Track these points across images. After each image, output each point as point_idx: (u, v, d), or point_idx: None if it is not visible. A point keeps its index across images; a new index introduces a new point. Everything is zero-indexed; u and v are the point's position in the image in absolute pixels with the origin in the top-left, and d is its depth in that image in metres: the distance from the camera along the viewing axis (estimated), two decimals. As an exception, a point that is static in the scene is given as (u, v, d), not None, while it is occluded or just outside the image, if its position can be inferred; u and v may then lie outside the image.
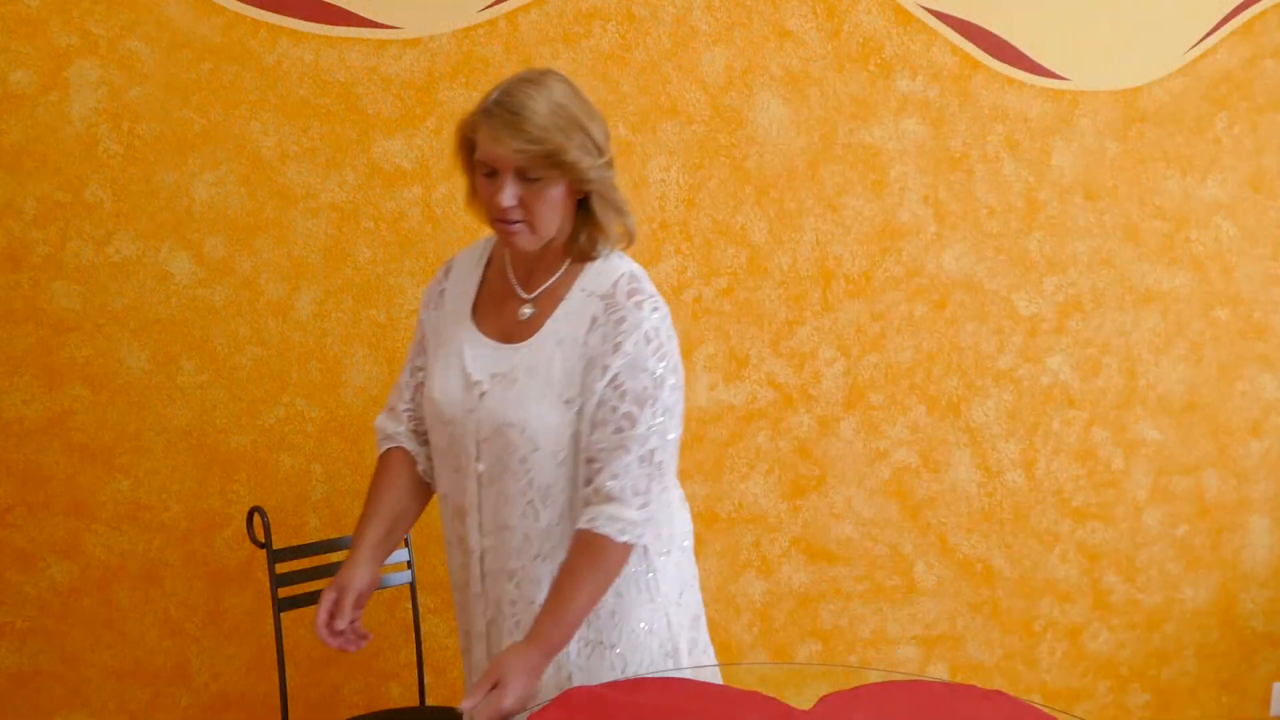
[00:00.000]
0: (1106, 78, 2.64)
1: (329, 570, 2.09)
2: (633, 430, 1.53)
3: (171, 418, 2.32)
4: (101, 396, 2.29)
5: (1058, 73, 2.61)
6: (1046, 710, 1.51)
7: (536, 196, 1.53)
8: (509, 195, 1.52)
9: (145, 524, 2.33)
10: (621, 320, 1.55)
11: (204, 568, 2.37)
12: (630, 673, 1.64)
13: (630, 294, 1.57)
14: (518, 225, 1.55)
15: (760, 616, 2.64)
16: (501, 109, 1.51)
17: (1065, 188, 2.65)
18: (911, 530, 2.68)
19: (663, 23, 2.41)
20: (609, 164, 1.58)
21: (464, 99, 2.34)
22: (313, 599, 2.06)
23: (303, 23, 2.27)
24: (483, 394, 1.60)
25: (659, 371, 1.55)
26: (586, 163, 1.53)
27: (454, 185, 2.37)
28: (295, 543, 2.31)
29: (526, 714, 1.49)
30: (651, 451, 1.54)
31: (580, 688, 1.54)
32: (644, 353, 1.54)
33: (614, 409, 1.54)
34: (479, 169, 1.56)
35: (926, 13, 2.52)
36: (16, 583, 2.30)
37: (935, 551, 2.70)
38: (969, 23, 2.56)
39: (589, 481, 1.57)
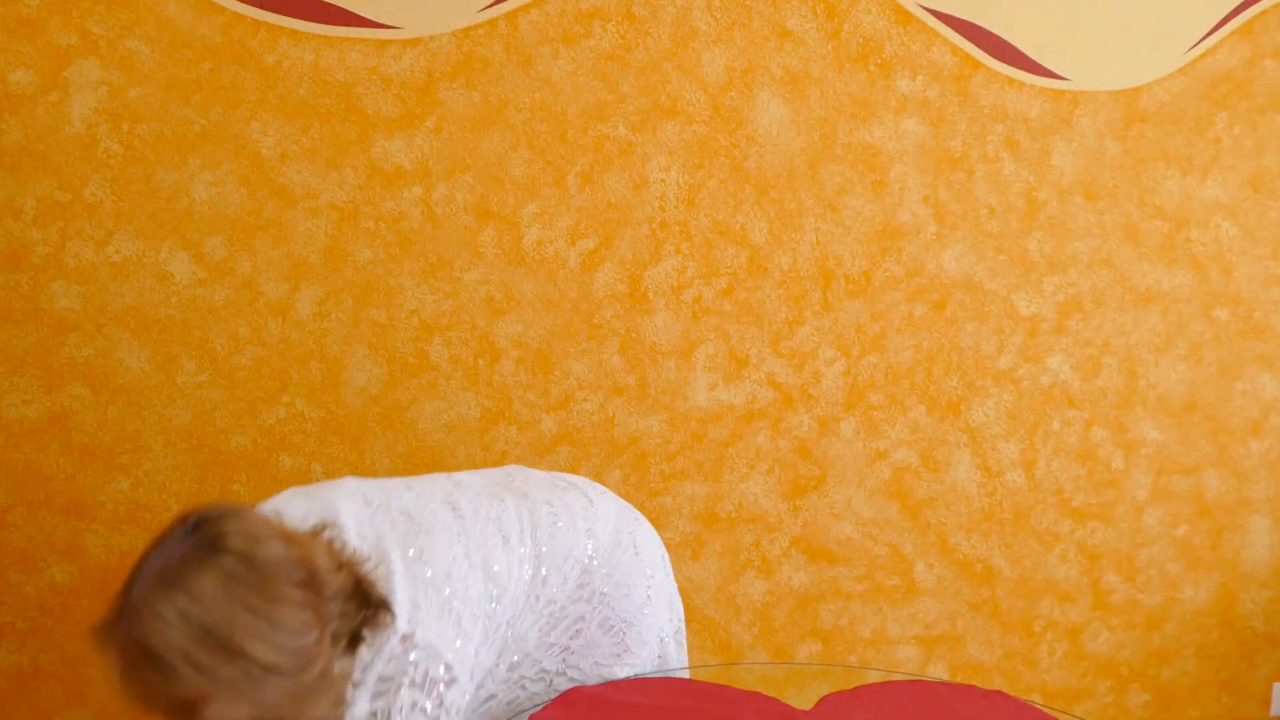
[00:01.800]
0: (1106, 78, 2.64)
1: (329, 570, 2.09)
2: None
3: (171, 418, 2.32)
4: (101, 396, 2.29)
5: (1058, 73, 2.61)
6: (1046, 710, 1.51)
7: None
8: None
9: (145, 524, 2.33)
10: None
11: (204, 568, 2.37)
12: None
13: None
14: None
15: (760, 616, 2.64)
16: (125, 646, 1.15)
17: (1065, 188, 2.65)
18: (911, 530, 2.68)
19: (663, 23, 2.41)
20: (304, 667, 1.17)
21: (464, 99, 2.34)
22: (313, 599, 2.06)
23: (303, 23, 2.27)
24: None
25: None
26: (248, 700, 1.13)
27: (454, 185, 2.37)
28: (295, 543, 2.31)
29: (527, 715, 1.49)
30: None
31: (581, 688, 1.54)
32: None
33: None
34: None
35: (926, 13, 2.52)
36: (16, 583, 2.30)
37: (935, 551, 2.71)
38: (969, 23, 2.56)
39: None
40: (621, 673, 1.62)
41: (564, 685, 1.58)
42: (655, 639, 1.68)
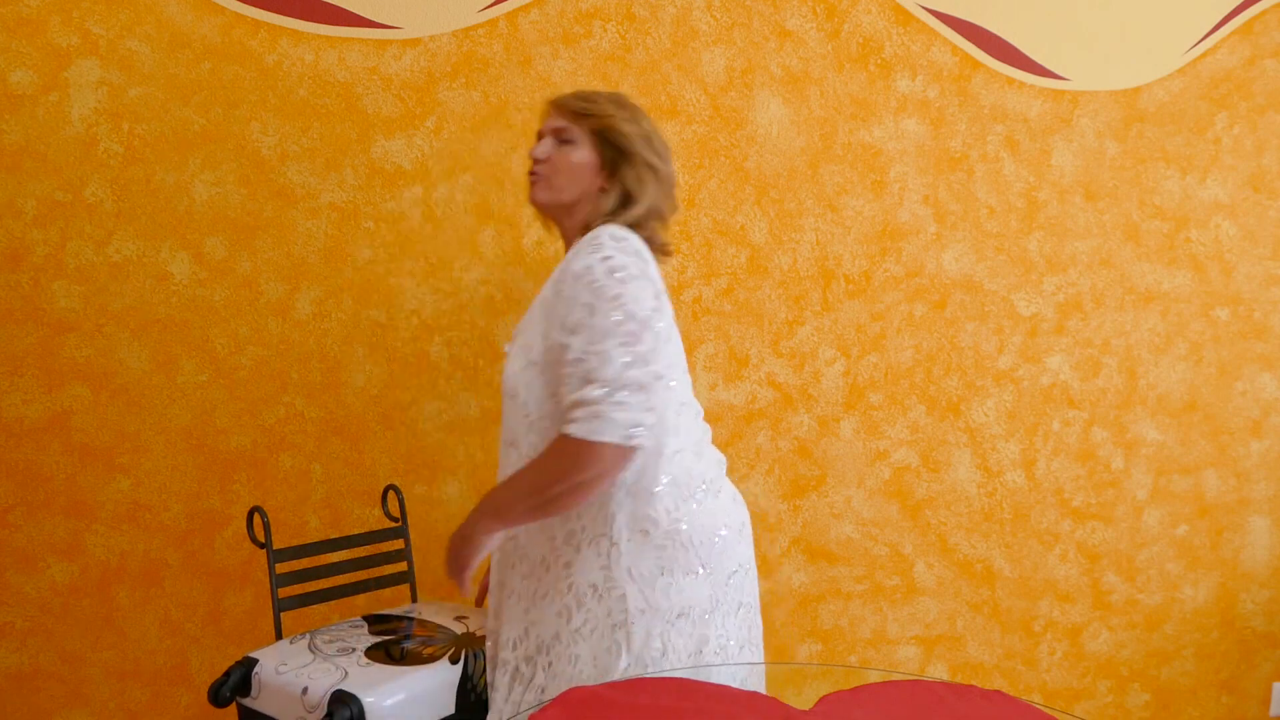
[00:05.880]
0: (1106, 78, 2.64)
1: (329, 570, 2.09)
2: (567, 357, 1.58)
3: (171, 418, 2.32)
4: (101, 396, 2.29)
5: (1058, 73, 2.61)
6: (1046, 710, 1.50)
7: (562, 157, 1.76)
8: (541, 149, 1.77)
9: (145, 524, 2.33)
10: (567, 268, 1.63)
11: (204, 568, 2.37)
12: (574, 630, 1.68)
13: (584, 246, 1.64)
14: (536, 177, 1.77)
15: (760, 616, 2.64)
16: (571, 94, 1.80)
17: (1065, 188, 2.65)
18: (911, 530, 2.68)
19: (663, 23, 2.41)
20: (653, 167, 1.75)
21: (464, 99, 2.34)
22: (313, 599, 2.06)
23: (303, 23, 2.27)
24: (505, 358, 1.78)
25: (591, 301, 1.57)
26: (625, 130, 1.74)
27: (454, 185, 2.37)
28: (295, 543, 2.31)
29: (527, 714, 1.49)
30: (589, 372, 1.54)
31: (580, 688, 1.54)
32: (576, 289, 1.59)
33: (560, 345, 1.60)
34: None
35: (926, 13, 2.52)
36: (16, 583, 2.30)
37: (935, 551, 2.70)
38: (969, 23, 2.56)
39: None
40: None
41: None
42: None
